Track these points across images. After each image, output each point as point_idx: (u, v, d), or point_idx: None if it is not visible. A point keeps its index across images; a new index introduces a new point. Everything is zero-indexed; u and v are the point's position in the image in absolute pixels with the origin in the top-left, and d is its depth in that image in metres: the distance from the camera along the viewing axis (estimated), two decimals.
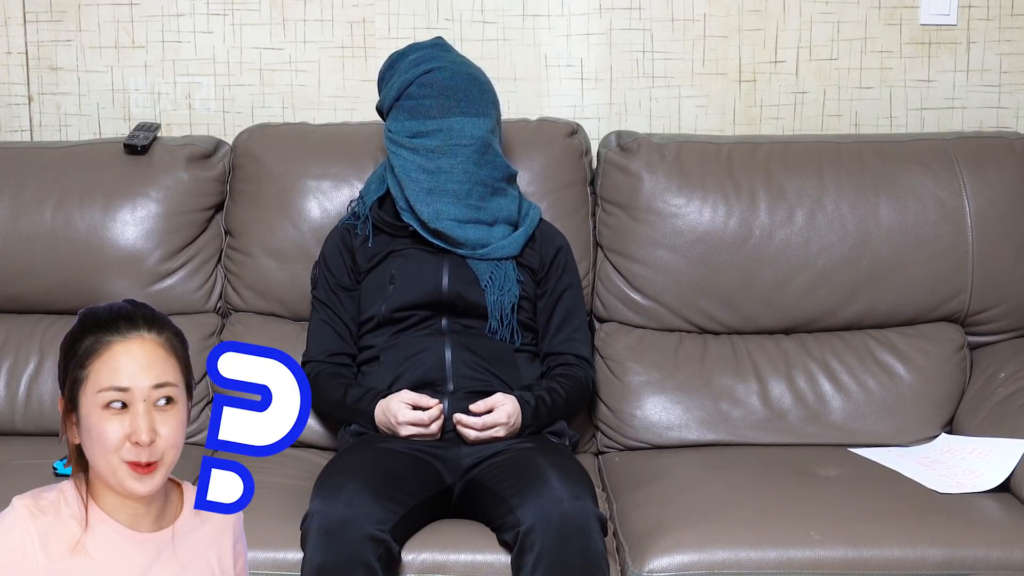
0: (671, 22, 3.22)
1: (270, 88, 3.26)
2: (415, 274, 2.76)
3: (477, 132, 2.73)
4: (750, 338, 2.95)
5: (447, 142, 2.72)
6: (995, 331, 2.98)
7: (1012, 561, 2.35)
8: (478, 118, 2.74)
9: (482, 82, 2.79)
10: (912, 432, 2.84)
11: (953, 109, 3.26)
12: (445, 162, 2.73)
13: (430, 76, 2.75)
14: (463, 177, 2.73)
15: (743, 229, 2.92)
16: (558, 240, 2.86)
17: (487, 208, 2.76)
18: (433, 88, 2.74)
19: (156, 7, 3.23)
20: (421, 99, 2.74)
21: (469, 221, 2.74)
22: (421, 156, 2.74)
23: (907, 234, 2.92)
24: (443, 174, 2.73)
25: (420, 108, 2.74)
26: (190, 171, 2.98)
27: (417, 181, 2.73)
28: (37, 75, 3.27)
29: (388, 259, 2.79)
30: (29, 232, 2.93)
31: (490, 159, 2.76)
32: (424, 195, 2.73)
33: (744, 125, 3.26)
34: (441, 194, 2.73)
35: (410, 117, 2.75)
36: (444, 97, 2.74)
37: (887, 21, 3.23)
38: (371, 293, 2.78)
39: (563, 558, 2.28)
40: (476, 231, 2.75)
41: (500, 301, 2.74)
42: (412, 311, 2.74)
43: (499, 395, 2.61)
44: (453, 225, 2.73)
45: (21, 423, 2.88)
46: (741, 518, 2.45)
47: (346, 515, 2.31)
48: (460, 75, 2.76)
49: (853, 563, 2.35)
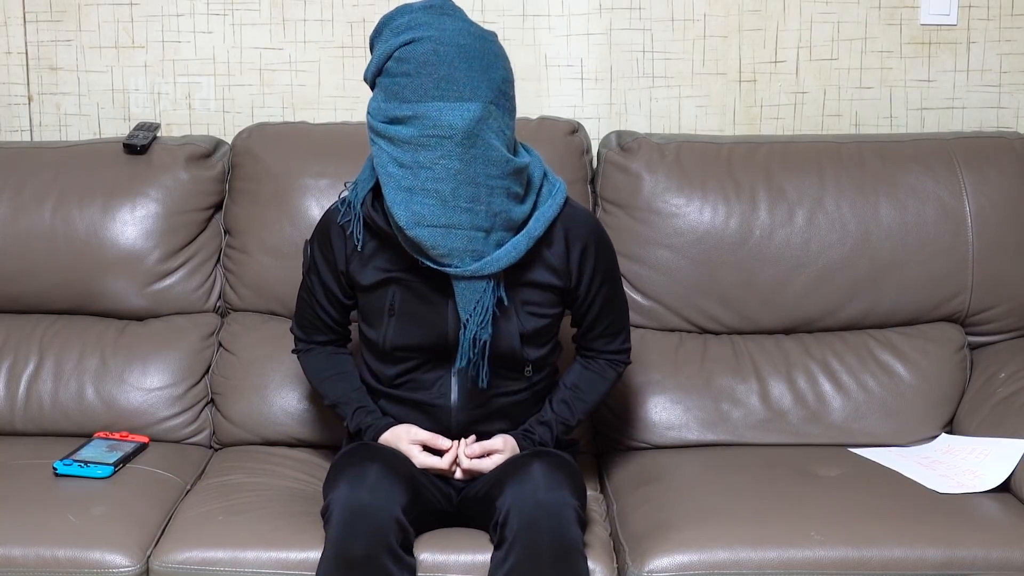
0: (671, 22, 3.22)
1: (270, 88, 3.26)
2: (416, 312, 2.45)
3: (458, 121, 2.29)
4: (750, 338, 2.95)
5: (422, 132, 2.31)
6: (995, 331, 2.98)
7: (1012, 561, 2.35)
8: (462, 103, 2.30)
9: (477, 55, 2.32)
10: (912, 432, 2.84)
11: (953, 109, 3.26)
12: (424, 156, 2.32)
13: (410, 49, 2.31)
14: (445, 174, 2.32)
15: (743, 229, 2.92)
16: (583, 232, 2.48)
17: (479, 211, 2.34)
18: (411, 64, 2.31)
19: (156, 7, 3.23)
20: (397, 76, 2.32)
21: (455, 227, 2.34)
22: (397, 148, 2.33)
23: (907, 234, 2.92)
24: (422, 170, 2.32)
25: (395, 88, 2.32)
26: (189, 171, 2.98)
27: (393, 177, 2.34)
28: (37, 75, 3.27)
29: (388, 285, 2.47)
30: (29, 232, 2.93)
31: (480, 153, 2.32)
32: (402, 194, 2.33)
33: (744, 125, 3.26)
34: (421, 194, 2.32)
35: (386, 98, 2.34)
36: (421, 75, 2.30)
37: (887, 21, 3.23)
38: (371, 314, 2.51)
39: (536, 543, 2.24)
40: (463, 239, 2.35)
41: (477, 337, 2.41)
42: (415, 352, 2.48)
43: (498, 440, 2.48)
44: (433, 233, 2.33)
45: (21, 423, 2.88)
46: (741, 518, 2.45)
47: (371, 500, 2.26)
48: (448, 47, 2.30)
49: (853, 563, 2.35)
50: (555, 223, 2.45)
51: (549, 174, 2.50)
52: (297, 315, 2.64)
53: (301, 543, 2.37)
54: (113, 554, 2.38)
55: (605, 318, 2.56)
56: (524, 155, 2.46)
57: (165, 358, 2.89)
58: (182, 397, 2.88)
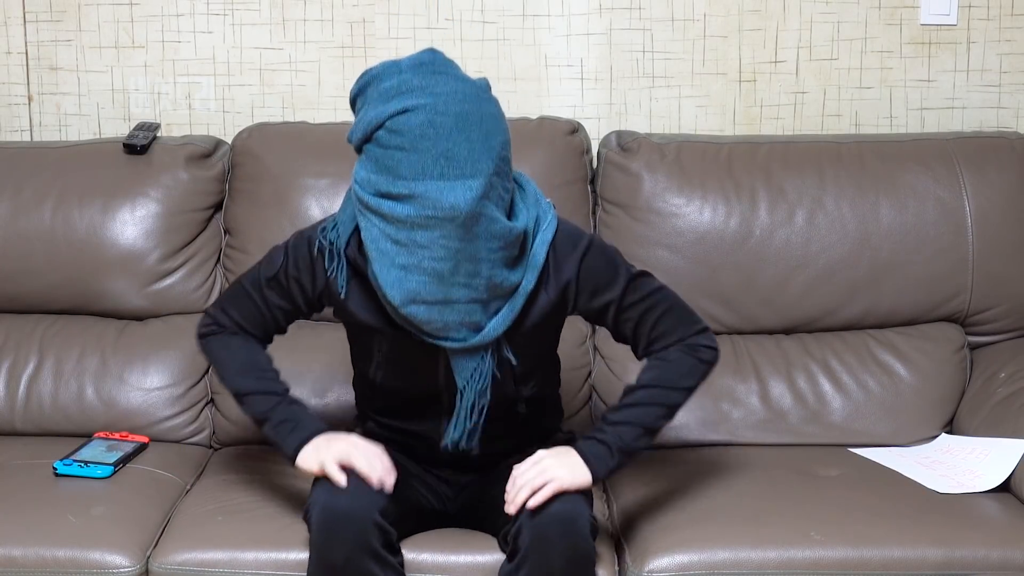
0: (671, 22, 3.22)
1: (270, 88, 3.26)
2: (406, 361, 2.31)
3: (460, 202, 2.10)
4: (750, 338, 2.95)
5: (421, 213, 2.11)
6: (995, 331, 2.98)
7: (1012, 561, 2.35)
8: (464, 180, 2.11)
9: (476, 123, 2.13)
10: (912, 432, 2.84)
11: (953, 109, 3.26)
12: (421, 235, 2.13)
13: (403, 120, 2.11)
14: (444, 254, 2.13)
15: (743, 229, 2.92)
16: (569, 266, 2.28)
17: (479, 284, 2.18)
18: (406, 136, 2.10)
19: (156, 7, 3.23)
20: (390, 149, 2.12)
21: (452, 301, 2.17)
22: (391, 225, 2.14)
23: (907, 234, 2.92)
24: (419, 249, 2.13)
25: (388, 162, 2.12)
26: (189, 171, 2.98)
27: (386, 253, 2.16)
28: (37, 75, 3.27)
29: (371, 335, 2.31)
30: (29, 232, 2.93)
31: (483, 229, 2.14)
32: (396, 271, 2.15)
33: (744, 125, 3.26)
34: (416, 271, 2.15)
35: (378, 171, 2.14)
36: (418, 151, 2.10)
37: (887, 21, 3.22)
38: (357, 344, 2.39)
39: (549, 555, 2.20)
40: (461, 313, 2.19)
41: (476, 405, 2.26)
42: (406, 394, 2.36)
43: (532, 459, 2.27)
44: (429, 310, 2.17)
45: (21, 423, 2.88)
46: (741, 518, 2.45)
47: (349, 504, 2.22)
48: (445, 117, 2.10)
49: (853, 563, 2.35)
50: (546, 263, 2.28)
51: (541, 206, 2.29)
52: (229, 304, 2.41)
53: (300, 544, 2.37)
54: (113, 555, 2.38)
55: (646, 321, 2.33)
56: (520, 207, 2.25)
57: (165, 358, 2.89)
58: (182, 397, 2.88)
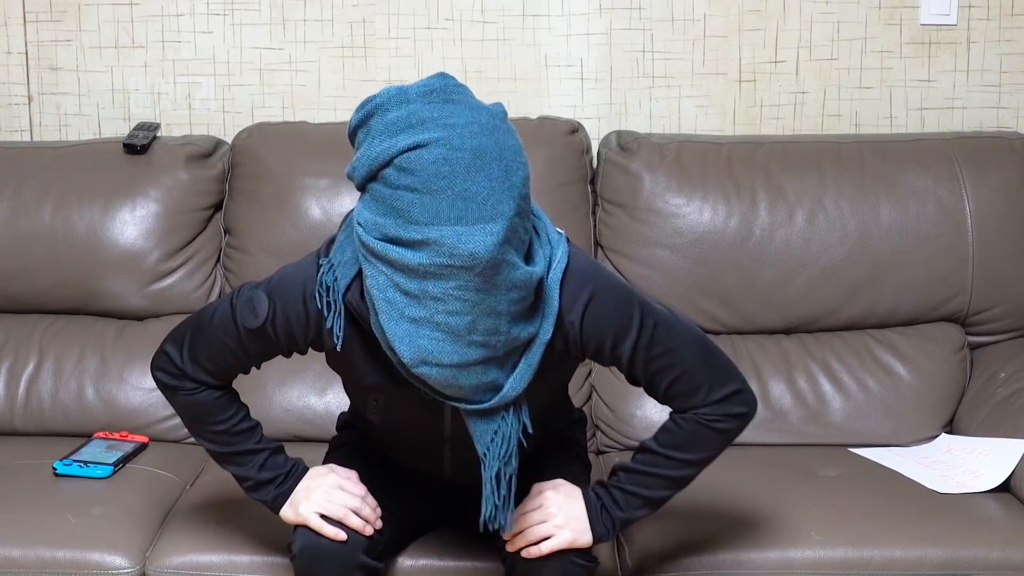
0: (671, 22, 3.22)
1: (270, 88, 3.26)
2: (406, 414, 2.11)
3: (480, 249, 1.82)
4: (750, 338, 2.95)
5: (435, 261, 1.82)
6: (995, 331, 2.98)
7: (1012, 561, 2.35)
8: (484, 224, 1.82)
9: (495, 158, 1.83)
10: (912, 432, 2.84)
11: (953, 109, 3.26)
12: (433, 286, 1.84)
13: (415, 157, 1.82)
14: (461, 307, 1.85)
15: (743, 229, 2.92)
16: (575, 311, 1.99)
17: (498, 343, 1.90)
18: (418, 176, 1.81)
19: (156, 7, 3.23)
20: (399, 190, 1.83)
21: (469, 364, 1.90)
22: (400, 273, 1.86)
23: (907, 234, 2.92)
24: (432, 301, 1.85)
25: (398, 204, 1.83)
26: (189, 171, 2.98)
27: (394, 304, 1.88)
28: (37, 75, 3.27)
29: (367, 389, 2.10)
30: (28, 232, 2.93)
31: (503, 279, 1.86)
32: (405, 325, 1.88)
33: (744, 125, 3.26)
34: (429, 327, 1.87)
35: (384, 213, 1.85)
36: (432, 193, 1.81)
37: (887, 21, 3.22)
38: (349, 387, 2.21)
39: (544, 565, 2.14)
40: (478, 375, 1.92)
41: (502, 473, 2.00)
42: (403, 436, 2.19)
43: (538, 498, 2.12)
44: (443, 373, 1.90)
45: (21, 423, 2.88)
46: (741, 518, 2.45)
47: (333, 544, 2.10)
48: (462, 152, 1.81)
49: (853, 563, 2.35)
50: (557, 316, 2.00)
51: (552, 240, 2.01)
52: (197, 349, 2.12)
53: None
54: (113, 555, 2.37)
55: (664, 375, 2.05)
56: (535, 247, 1.97)
57: None
58: None
